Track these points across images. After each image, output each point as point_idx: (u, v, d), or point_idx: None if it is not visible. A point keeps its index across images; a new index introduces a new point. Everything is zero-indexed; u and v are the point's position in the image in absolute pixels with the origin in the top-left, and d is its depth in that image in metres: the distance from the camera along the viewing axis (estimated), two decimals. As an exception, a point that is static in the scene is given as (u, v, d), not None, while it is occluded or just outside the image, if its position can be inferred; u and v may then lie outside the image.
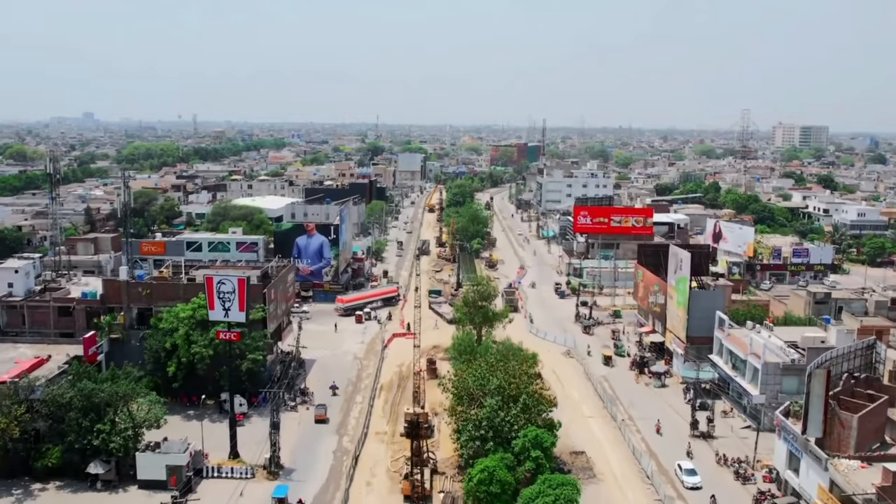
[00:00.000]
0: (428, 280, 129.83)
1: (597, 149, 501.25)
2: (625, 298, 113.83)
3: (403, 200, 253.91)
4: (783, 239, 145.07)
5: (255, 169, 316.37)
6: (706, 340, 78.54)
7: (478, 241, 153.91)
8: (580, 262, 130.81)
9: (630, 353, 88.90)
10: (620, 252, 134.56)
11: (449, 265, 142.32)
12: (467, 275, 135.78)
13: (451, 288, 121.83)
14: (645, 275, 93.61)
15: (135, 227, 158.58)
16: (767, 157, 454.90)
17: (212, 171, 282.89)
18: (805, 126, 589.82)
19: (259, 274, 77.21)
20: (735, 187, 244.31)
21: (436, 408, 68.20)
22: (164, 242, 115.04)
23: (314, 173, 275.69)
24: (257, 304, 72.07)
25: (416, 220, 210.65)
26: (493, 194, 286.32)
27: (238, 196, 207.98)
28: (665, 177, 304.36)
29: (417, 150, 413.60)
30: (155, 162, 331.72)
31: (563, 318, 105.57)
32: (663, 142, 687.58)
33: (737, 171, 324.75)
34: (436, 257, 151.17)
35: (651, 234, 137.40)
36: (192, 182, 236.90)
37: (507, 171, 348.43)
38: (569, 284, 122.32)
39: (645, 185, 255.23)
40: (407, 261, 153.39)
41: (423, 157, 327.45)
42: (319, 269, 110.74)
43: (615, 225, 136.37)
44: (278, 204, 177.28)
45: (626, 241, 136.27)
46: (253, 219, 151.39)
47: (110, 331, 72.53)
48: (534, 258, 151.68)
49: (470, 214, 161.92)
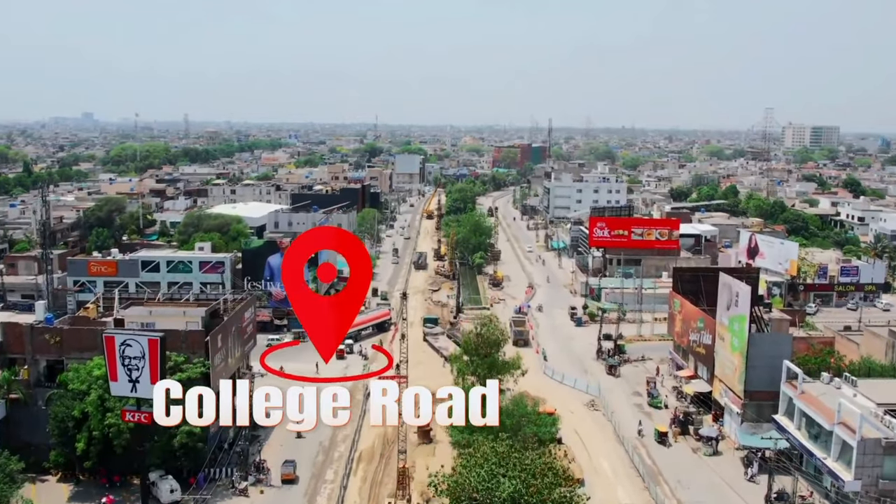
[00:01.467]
0: (423, 302, 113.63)
1: (602, 150, 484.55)
2: (653, 327, 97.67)
3: (400, 206, 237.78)
4: (825, 254, 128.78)
5: (245, 171, 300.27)
6: (769, 396, 62.35)
7: (480, 255, 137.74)
8: (598, 280, 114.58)
9: (667, 404, 72.74)
10: (643, 269, 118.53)
11: (448, 283, 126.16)
12: (469, 295, 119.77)
13: (449, 312, 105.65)
14: (684, 306, 77.36)
15: (99, 239, 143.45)
16: (781, 159, 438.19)
17: (198, 174, 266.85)
18: (816, 126, 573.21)
19: (206, 314, 60.97)
20: (754, 192, 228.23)
21: (428, 494, 52.03)
22: (115, 262, 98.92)
23: (306, 176, 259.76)
24: (198, 356, 55.98)
25: (413, 226, 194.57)
26: (496, 198, 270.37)
27: (220, 202, 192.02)
28: (676, 179, 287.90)
29: (417, 151, 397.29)
30: (139, 164, 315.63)
31: (581, 353, 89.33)
32: (668, 142, 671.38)
33: (752, 174, 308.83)
34: (433, 272, 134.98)
35: (677, 248, 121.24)
36: (174, 186, 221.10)
37: (510, 173, 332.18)
38: (586, 309, 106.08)
39: (658, 190, 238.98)
40: (402, 272, 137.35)
41: (421, 159, 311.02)
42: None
43: (636, 238, 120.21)
44: (261, 211, 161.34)
45: (650, 256, 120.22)
46: (229, 230, 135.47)
47: (9, 390, 56.39)
48: (543, 273, 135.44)
49: (472, 224, 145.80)
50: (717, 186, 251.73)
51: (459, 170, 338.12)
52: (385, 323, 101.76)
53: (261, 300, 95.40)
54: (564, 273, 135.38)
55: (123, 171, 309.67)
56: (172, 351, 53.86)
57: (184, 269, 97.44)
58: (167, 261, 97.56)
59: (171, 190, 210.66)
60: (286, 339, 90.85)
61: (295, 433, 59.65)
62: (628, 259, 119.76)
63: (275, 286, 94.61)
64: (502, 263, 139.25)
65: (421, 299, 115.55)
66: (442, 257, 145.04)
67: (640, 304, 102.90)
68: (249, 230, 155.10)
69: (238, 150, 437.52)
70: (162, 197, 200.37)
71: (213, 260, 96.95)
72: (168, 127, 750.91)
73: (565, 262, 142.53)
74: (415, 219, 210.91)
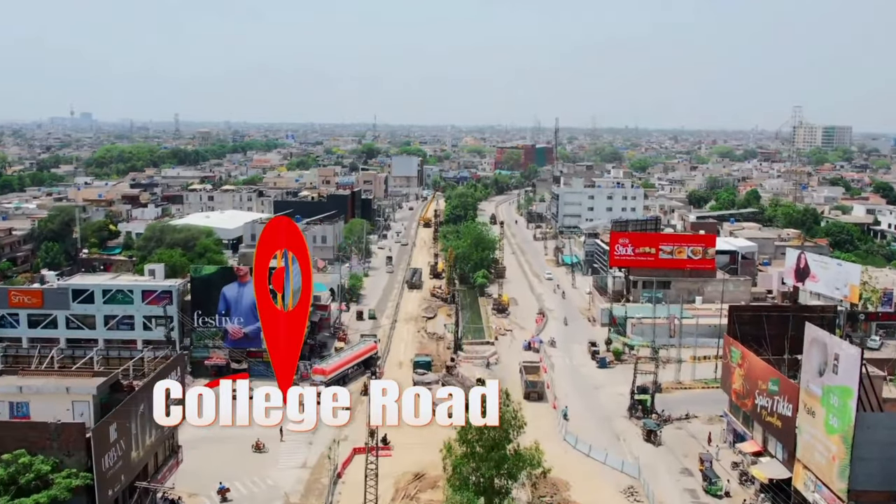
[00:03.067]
0: (415, 335, 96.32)
1: (608, 150, 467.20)
2: (693, 369, 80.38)
3: (396, 212, 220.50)
4: (885, 274, 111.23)
5: (233, 174, 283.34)
6: (884, 497, 45.24)
7: (483, 274, 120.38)
8: (621, 307, 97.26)
9: (729, 490, 55.44)
10: (672, 292, 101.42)
11: (445, 307, 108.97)
12: (469, 324, 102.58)
13: (446, 349, 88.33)
14: (747, 360, 60.06)
15: (49, 255, 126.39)
16: (795, 160, 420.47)
17: (181, 178, 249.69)
18: (828, 126, 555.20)
19: (98, 390, 43.58)
20: (778, 197, 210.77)
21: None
22: (40, 292, 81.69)
23: (297, 180, 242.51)
24: (76, 458, 38.77)
25: (409, 236, 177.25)
26: (498, 203, 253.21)
27: (196, 209, 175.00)
28: (690, 183, 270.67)
29: (416, 152, 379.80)
30: (121, 167, 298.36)
31: (609, 407, 72.05)
32: (674, 142, 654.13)
33: (769, 176, 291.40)
34: (429, 293, 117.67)
35: (713, 268, 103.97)
36: (150, 191, 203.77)
37: (513, 175, 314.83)
38: (609, 345, 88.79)
39: (675, 195, 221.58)
40: (395, 289, 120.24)
41: (419, 161, 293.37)
42: (257, 331, 77.25)
43: (665, 257, 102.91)
44: (237, 221, 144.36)
45: (681, 278, 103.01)
46: (195, 244, 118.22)
47: None
48: (554, 294, 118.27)
49: (473, 236, 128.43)
50: (734, 190, 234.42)
51: (460, 172, 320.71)
52: (372, 359, 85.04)
53: (214, 339, 78.27)
54: (579, 295, 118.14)
55: (106, 173, 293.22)
56: (37, 453, 36.77)
57: (123, 300, 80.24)
58: (103, 290, 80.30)
59: (145, 196, 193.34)
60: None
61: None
62: (656, 281, 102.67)
63: (231, 322, 77.31)
64: (507, 282, 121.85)
65: (413, 329, 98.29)
66: (439, 274, 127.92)
67: (676, 339, 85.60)
68: (226, 243, 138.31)
69: (231, 151, 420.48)
70: (134, 203, 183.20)
71: (159, 289, 79.66)
72: (165, 127, 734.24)
73: (580, 280, 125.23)
74: (411, 229, 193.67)
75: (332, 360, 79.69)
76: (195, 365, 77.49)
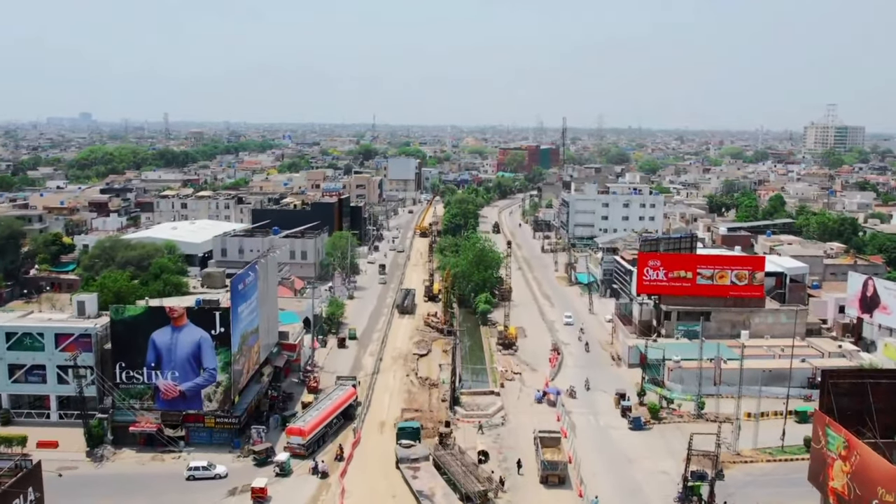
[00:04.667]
0: (403, 378, 79.31)
1: (614, 151, 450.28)
2: (755, 434, 63.34)
3: (392, 218, 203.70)
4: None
5: (219, 177, 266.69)
6: None
7: (486, 298, 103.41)
8: (654, 345, 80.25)
9: None
10: (713, 325, 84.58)
11: (441, 340, 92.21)
12: (470, 363, 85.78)
13: (440, 401, 71.42)
14: (855, 452, 43.08)
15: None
16: (809, 161, 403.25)
17: (162, 181, 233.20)
18: (840, 126, 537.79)
19: None
20: (805, 203, 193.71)
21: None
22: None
23: (285, 184, 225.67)
24: None
25: (404, 245, 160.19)
26: (502, 209, 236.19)
27: (168, 217, 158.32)
28: (705, 186, 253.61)
29: (415, 153, 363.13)
30: (102, 169, 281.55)
31: (651, 494, 55.05)
32: (680, 143, 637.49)
33: (789, 179, 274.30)
34: (422, 321, 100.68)
35: (761, 296, 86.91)
36: (122, 197, 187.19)
37: (517, 178, 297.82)
38: (642, 396, 71.87)
39: (692, 200, 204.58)
40: (384, 314, 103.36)
41: (418, 163, 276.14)
42: (196, 388, 60.30)
43: (704, 283, 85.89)
44: (207, 234, 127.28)
45: (722, 307, 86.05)
46: (151, 263, 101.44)
47: None
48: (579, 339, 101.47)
49: (474, 253, 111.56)
50: (753, 194, 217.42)
51: (460, 175, 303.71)
52: (351, 407, 68.76)
53: (142, 398, 61.33)
54: (598, 322, 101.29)
55: (87, 176, 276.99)
56: None
57: (32, 346, 63.39)
58: (6, 332, 63.42)
59: (115, 202, 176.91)
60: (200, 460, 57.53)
61: None
62: (693, 311, 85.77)
63: (163, 377, 60.30)
64: (514, 305, 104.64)
65: (401, 372, 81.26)
66: (434, 297, 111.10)
67: (724, 387, 68.71)
68: (200, 257, 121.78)
69: (223, 152, 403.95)
70: (101, 211, 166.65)
71: (76, 332, 62.74)
72: (162, 127, 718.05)
73: (598, 304, 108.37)
74: (407, 234, 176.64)
75: (310, 415, 63.33)
76: (118, 431, 60.71)
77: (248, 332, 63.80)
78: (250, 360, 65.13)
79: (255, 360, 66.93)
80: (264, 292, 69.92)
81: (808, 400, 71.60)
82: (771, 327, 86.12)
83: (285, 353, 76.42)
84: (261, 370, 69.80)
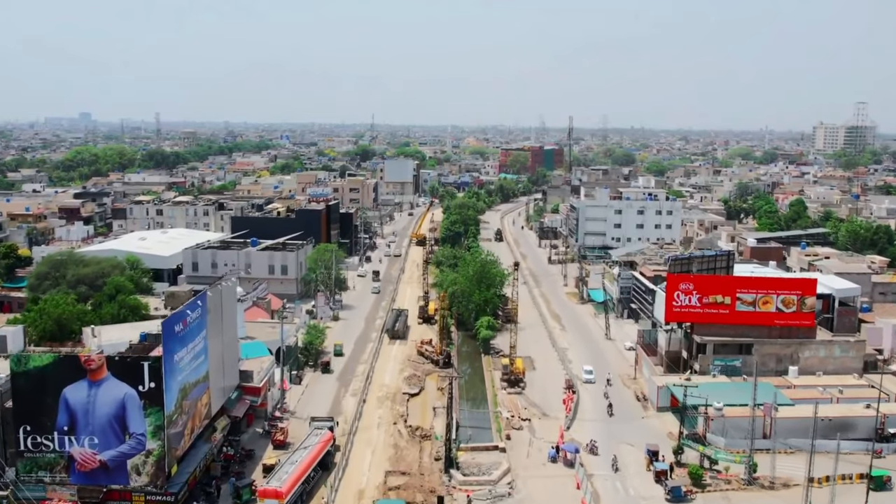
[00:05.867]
0: (390, 427, 66.33)
1: (619, 152, 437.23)
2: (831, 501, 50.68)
3: (388, 224, 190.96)
4: None
5: (207, 179, 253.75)
6: None
7: (488, 322, 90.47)
8: (691, 385, 67.26)
9: None
10: (755, 360, 71.71)
11: (436, 374, 79.55)
12: (469, 406, 73.05)
13: (433, 459, 58.68)
14: None
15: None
16: (822, 163, 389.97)
17: (146, 184, 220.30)
18: (850, 126, 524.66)
19: None
20: (830, 209, 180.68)
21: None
22: None
23: (275, 187, 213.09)
24: None
25: (400, 250, 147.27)
26: (504, 213, 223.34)
27: (142, 225, 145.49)
28: (718, 189, 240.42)
29: (415, 153, 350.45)
30: (85, 171, 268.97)
31: None
32: (685, 143, 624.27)
33: (805, 182, 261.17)
34: (415, 350, 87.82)
35: (812, 325, 74.00)
36: (98, 202, 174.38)
37: (520, 180, 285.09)
38: (679, 455, 58.94)
39: (708, 205, 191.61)
40: (372, 340, 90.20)
41: (416, 165, 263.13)
42: (121, 458, 47.45)
43: (744, 309, 73.06)
44: (178, 245, 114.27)
45: (766, 339, 73.20)
46: (104, 282, 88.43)
47: None
48: (583, 345, 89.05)
49: (475, 269, 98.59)
50: (770, 198, 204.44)
51: (461, 177, 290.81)
52: (329, 454, 56.57)
53: (53, 470, 48.49)
54: (616, 351, 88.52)
55: (71, 178, 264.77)
56: None
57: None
58: None
59: (88, 207, 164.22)
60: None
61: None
62: (731, 343, 73.02)
63: (79, 443, 47.50)
64: (521, 328, 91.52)
65: (388, 417, 68.36)
66: (430, 318, 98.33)
67: (770, 436, 55.87)
68: (170, 272, 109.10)
69: (217, 153, 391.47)
70: (72, 217, 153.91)
71: (-27, 383, 49.92)
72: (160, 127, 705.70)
73: (616, 327, 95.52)
74: (403, 242, 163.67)
75: (285, 472, 51.09)
76: (24, 511, 47.93)
77: (190, 384, 51.03)
78: (195, 416, 52.27)
79: (203, 415, 54.08)
80: (217, 328, 57.12)
81: (879, 456, 59.02)
82: (823, 362, 73.36)
83: (248, 399, 63.58)
84: (213, 423, 56.99)
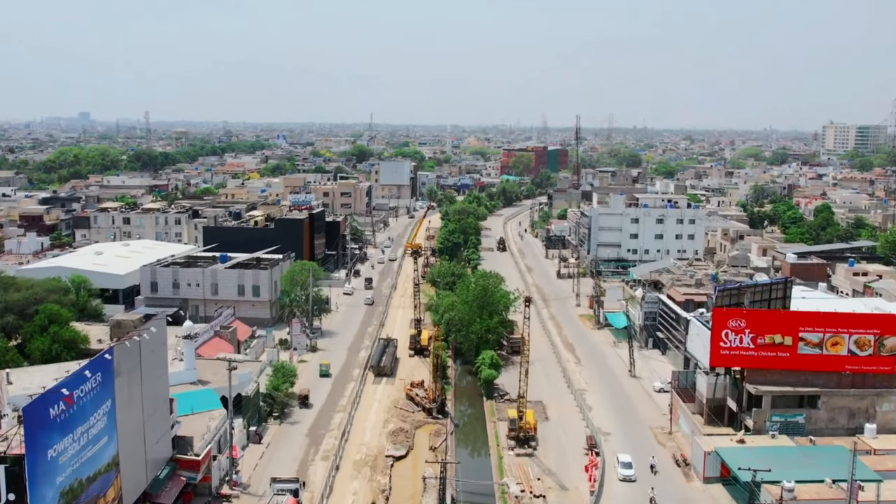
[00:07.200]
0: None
1: (625, 153, 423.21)
2: None
3: (382, 231, 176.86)
4: None
5: (192, 181, 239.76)
6: None
7: (491, 357, 76.29)
8: (747, 450, 53.20)
9: None
10: (823, 415, 57.85)
11: (429, 427, 65.53)
12: (467, 474, 58.85)
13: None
14: None
15: None
16: (834, 163, 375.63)
17: (126, 187, 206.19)
18: (861, 126, 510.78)
19: None
20: (861, 216, 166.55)
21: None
22: None
23: (262, 190, 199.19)
24: None
25: (393, 265, 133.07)
26: (507, 218, 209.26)
27: (107, 236, 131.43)
28: (733, 192, 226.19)
29: (414, 154, 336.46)
30: (65, 173, 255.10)
31: None
32: (690, 143, 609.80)
33: (825, 184, 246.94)
34: (404, 392, 73.71)
35: (893, 371, 59.83)
36: (67, 207, 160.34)
37: (523, 182, 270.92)
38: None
39: (727, 211, 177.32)
40: (353, 379, 75.93)
41: (413, 166, 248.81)
42: None
43: (808, 352, 58.99)
44: (136, 262, 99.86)
45: (835, 389, 59.09)
46: (37, 310, 74.30)
47: None
48: (603, 385, 75.07)
49: (476, 294, 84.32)
50: (791, 202, 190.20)
51: (461, 179, 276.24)
52: None
53: None
54: (643, 392, 74.46)
55: (51, 180, 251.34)
56: None
57: None
58: None
59: (54, 214, 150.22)
60: None
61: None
62: (792, 394, 58.96)
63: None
64: (532, 363, 77.04)
65: (365, 494, 54.02)
66: (422, 350, 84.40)
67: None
68: (125, 293, 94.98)
69: (209, 153, 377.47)
70: (33, 226, 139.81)
71: None
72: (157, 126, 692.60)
73: (640, 361, 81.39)
74: (397, 250, 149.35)
75: None
76: None
77: (82, 481, 36.95)
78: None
79: (107, 516, 39.92)
80: (133, 394, 43.05)
81: None
82: (905, 417, 59.41)
83: (183, 476, 49.44)
84: (129, 518, 42.90)
